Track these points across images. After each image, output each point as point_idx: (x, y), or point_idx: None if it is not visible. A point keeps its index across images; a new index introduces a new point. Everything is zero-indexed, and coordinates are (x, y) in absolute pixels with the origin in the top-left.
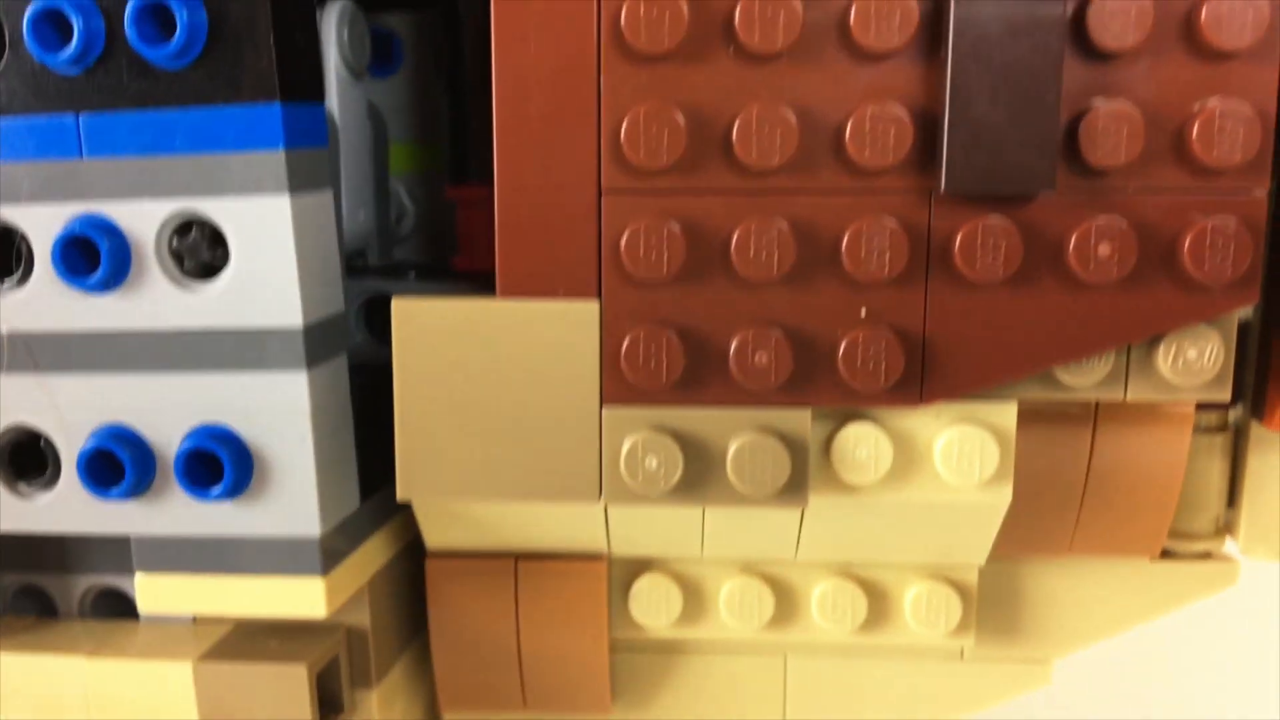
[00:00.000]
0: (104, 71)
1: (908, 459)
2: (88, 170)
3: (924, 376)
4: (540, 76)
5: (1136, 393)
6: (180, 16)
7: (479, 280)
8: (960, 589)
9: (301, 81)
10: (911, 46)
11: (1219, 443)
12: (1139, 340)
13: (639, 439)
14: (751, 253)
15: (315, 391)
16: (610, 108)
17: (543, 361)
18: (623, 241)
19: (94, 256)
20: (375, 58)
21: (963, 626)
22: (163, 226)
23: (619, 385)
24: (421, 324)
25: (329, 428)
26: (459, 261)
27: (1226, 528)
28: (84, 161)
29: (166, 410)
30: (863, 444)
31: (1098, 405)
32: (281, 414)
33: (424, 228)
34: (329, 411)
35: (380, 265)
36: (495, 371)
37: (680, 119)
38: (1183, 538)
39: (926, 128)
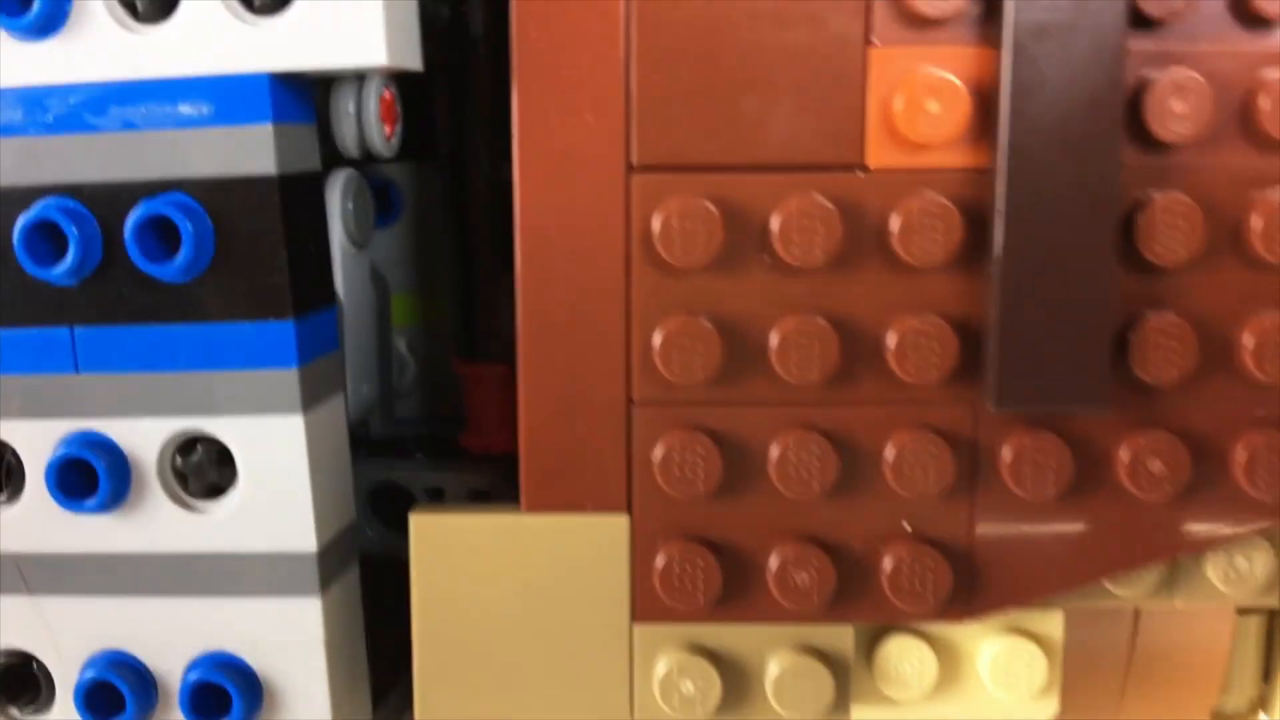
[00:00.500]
0: (101, 283)
1: (953, 672)
2: (83, 386)
3: (971, 590)
4: (566, 284)
5: (1186, 601)
6: (185, 230)
7: (490, 463)
8: None
9: (315, 291)
10: (955, 258)
11: (1254, 623)
12: (1191, 554)
13: (674, 662)
14: (791, 469)
15: (329, 616)
16: (640, 319)
17: (570, 578)
18: (655, 456)
19: (90, 475)
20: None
21: None
22: (165, 445)
23: (651, 603)
24: (441, 541)
25: (342, 649)
26: (468, 440)
27: (1261, 702)
28: (79, 377)
29: (169, 637)
30: (906, 658)
31: None
32: (293, 641)
33: (426, 383)
34: (342, 632)
35: (385, 438)
36: (520, 589)
37: (714, 333)
38: (1219, 716)
39: (970, 340)
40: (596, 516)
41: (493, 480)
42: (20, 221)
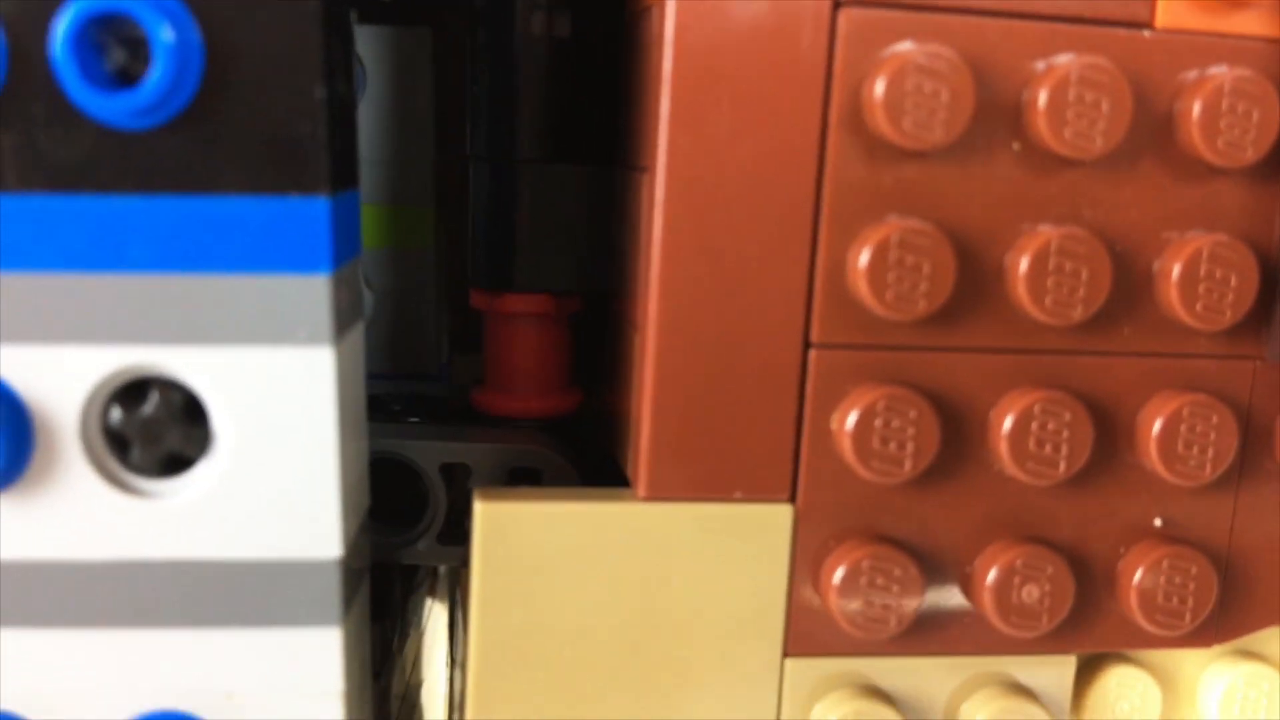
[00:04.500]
0: (4, 125)
1: (1173, 707)
2: None
3: (1225, 607)
4: (732, 155)
5: None
6: (156, 39)
7: (527, 431)
8: None
9: (346, 159)
10: (1263, 160)
11: None
12: None
13: (846, 713)
14: (1033, 443)
15: (350, 655)
16: (838, 222)
17: (703, 592)
18: (847, 421)
19: None
20: None
21: None
22: (94, 391)
23: (817, 632)
24: (520, 539)
25: (357, 702)
26: (486, 399)
27: None
28: None
29: (93, 691)
30: (1126, 694)
31: None
32: (295, 692)
33: (389, 327)
34: (358, 678)
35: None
36: (631, 605)
37: (946, 244)
38: None
39: (1267, 277)
40: (747, 506)
41: (541, 456)
42: None
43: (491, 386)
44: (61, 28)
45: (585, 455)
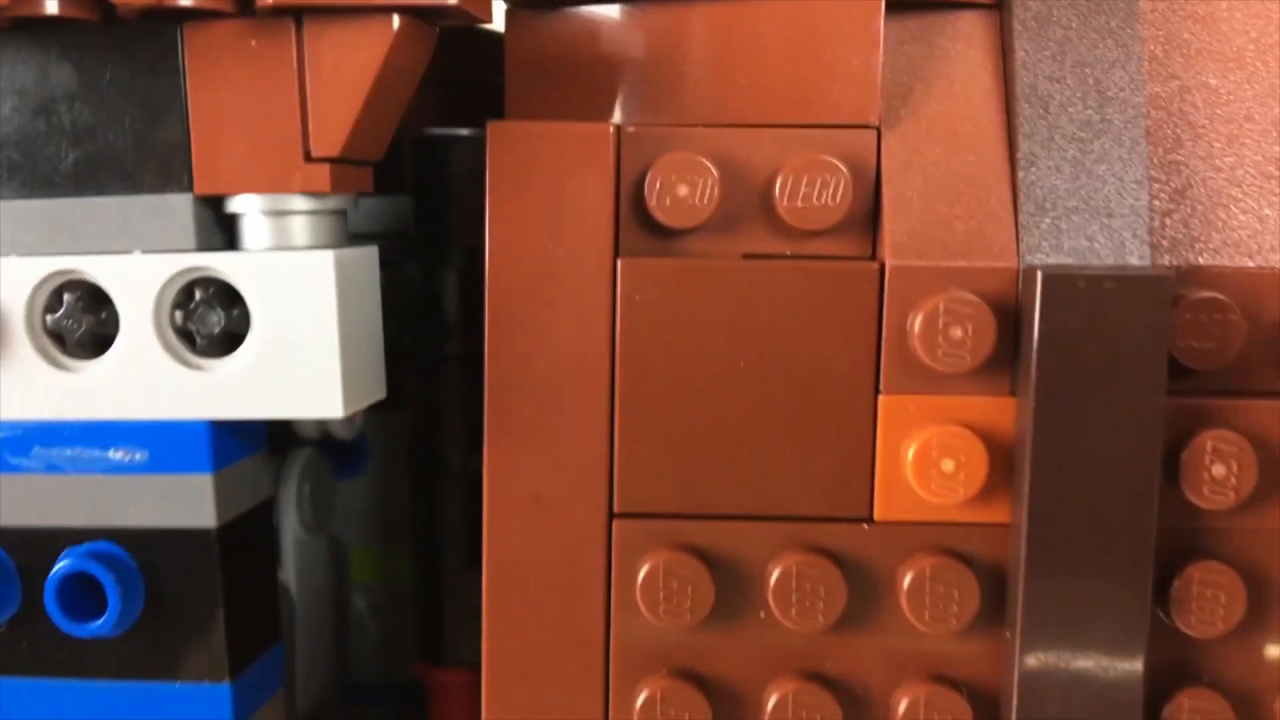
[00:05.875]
0: (16, 634)
1: None
2: None
3: None
4: (535, 637)
5: None
6: (110, 589)
7: None
8: None
9: (257, 639)
10: (971, 622)
11: None
12: None
13: None
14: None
15: None
16: (621, 672)
17: None
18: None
19: None
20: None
21: None
22: None
23: None
24: None
25: None
26: None
27: None
28: None
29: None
30: None
31: None
32: None
33: (387, 643)
34: None
35: None
36: None
37: (700, 697)
38: None
39: (986, 709)
40: None
41: None
42: None
43: None
44: (49, 585)
45: None
